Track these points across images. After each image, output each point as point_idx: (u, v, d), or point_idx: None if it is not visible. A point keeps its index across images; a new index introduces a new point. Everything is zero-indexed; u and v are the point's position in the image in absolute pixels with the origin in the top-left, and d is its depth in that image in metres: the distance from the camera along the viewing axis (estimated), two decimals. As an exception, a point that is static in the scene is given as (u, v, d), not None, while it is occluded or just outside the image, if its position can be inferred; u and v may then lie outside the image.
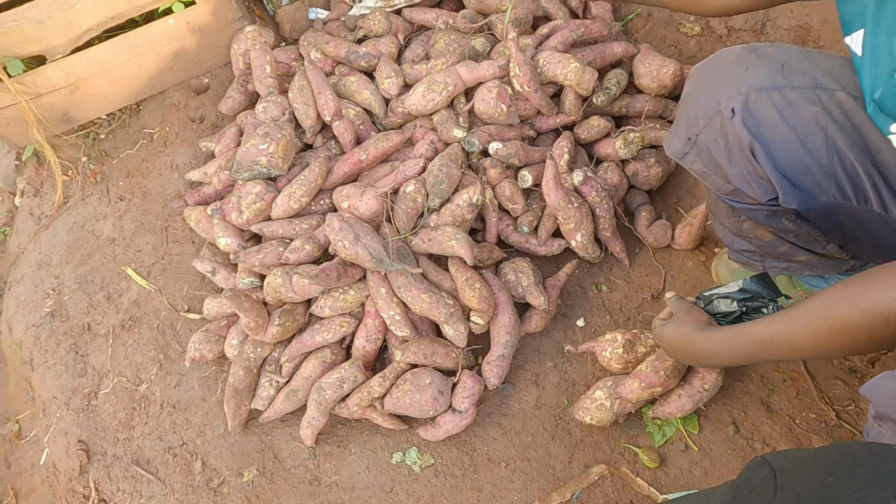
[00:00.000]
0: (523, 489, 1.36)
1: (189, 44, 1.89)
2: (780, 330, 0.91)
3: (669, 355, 1.18)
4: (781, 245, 1.18)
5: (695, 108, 1.08)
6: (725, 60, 1.05)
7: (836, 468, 0.56)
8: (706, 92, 1.05)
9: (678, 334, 1.11)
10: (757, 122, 0.98)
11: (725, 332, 1.02)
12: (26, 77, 1.74)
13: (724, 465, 1.34)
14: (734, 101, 1.00)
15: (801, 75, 0.99)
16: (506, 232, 1.60)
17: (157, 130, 1.95)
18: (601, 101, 1.63)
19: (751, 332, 0.96)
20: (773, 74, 0.99)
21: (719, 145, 1.05)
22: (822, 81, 0.98)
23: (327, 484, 1.40)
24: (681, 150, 1.13)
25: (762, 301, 1.18)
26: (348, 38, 1.87)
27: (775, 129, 0.98)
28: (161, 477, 1.46)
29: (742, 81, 1.00)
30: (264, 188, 1.53)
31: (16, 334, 1.73)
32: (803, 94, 0.97)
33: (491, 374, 1.42)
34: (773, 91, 0.98)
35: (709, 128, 1.05)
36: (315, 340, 1.45)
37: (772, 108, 0.98)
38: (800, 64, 1.00)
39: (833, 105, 0.97)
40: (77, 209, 1.87)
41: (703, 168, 1.12)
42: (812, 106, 0.97)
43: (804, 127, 0.97)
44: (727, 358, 1.01)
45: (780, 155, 0.98)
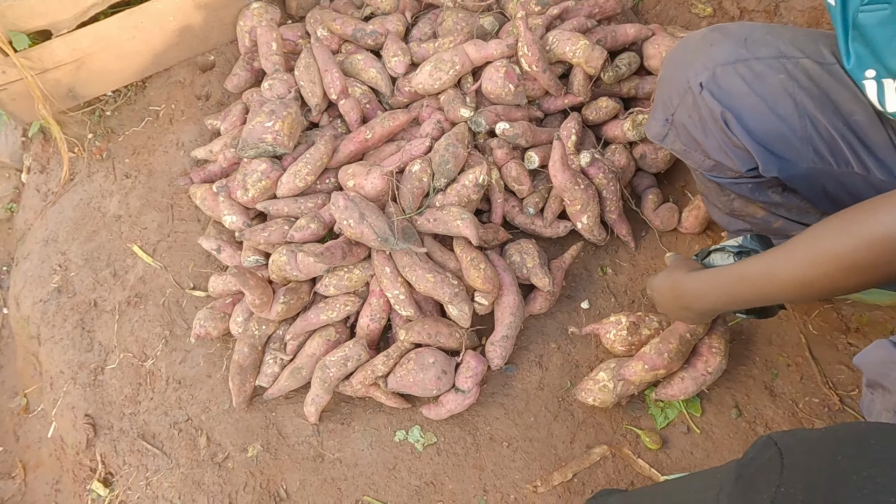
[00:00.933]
0: (525, 468, 1.36)
1: (195, 20, 1.87)
2: (764, 264, 0.90)
3: (659, 305, 1.17)
4: (775, 220, 1.19)
5: (668, 89, 1.10)
6: (692, 41, 1.08)
7: (844, 448, 0.55)
8: (676, 72, 1.08)
9: (668, 280, 1.12)
10: (726, 93, 1.00)
11: (711, 271, 1.02)
12: (32, 52, 1.73)
13: (726, 447, 1.34)
14: (701, 75, 1.02)
15: (764, 47, 1.01)
16: (511, 213, 1.59)
17: (162, 108, 1.94)
18: (609, 78, 1.61)
19: (736, 269, 0.96)
20: (736, 48, 1.01)
21: (694, 121, 1.07)
22: (785, 51, 1.00)
23: (330, 460, 1.42)
24: (660, 132, 1.16)
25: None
26: (355, 16, 1.85)
27: (745, 100, 1.00)
28: (166, 451, 1.47)
29: (707, 57, 1.02)
30: (270, 166, 1.52)
31: (23, 309, 1.75)
32: (768, 65, 0.99)
33: (494, 354, 1.42)
34: (739, 63, 1.00)
35: (682, 105, 1.08)
36: (319, 319, 1.45)
37: (739, 80, 1.00)
38: (762, 37, 1.02)
39: (799, 72, 0.99)
40: (83, 186, 1.87)
41: (682, 147, 1.14)
42: (778, 74, 0.99)
43: (773, 95, 0.99)
44: (712, 298, 1.01)
45: (753, 124, 1.00)
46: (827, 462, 0.55)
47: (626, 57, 1.65)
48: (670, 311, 1.15)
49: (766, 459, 0.61)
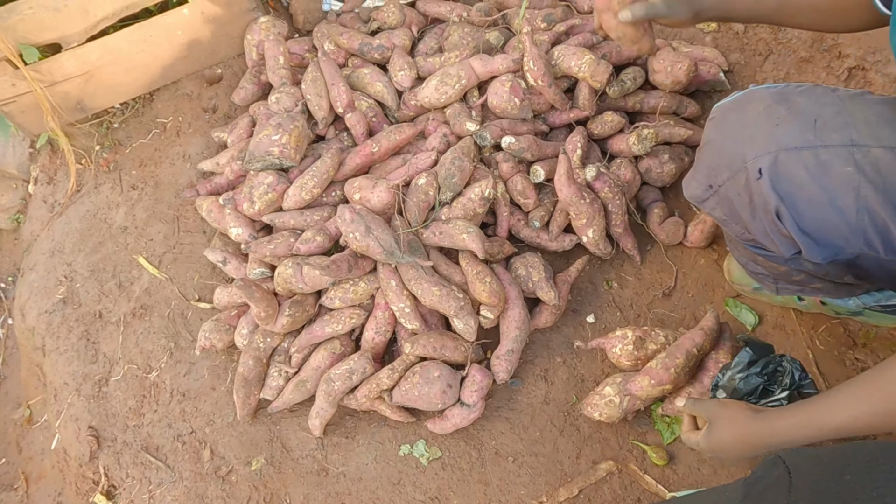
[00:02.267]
0: (530, 484, 1.35)
1: (203, 34, 1.89)
2: (861, 415, 0.86)
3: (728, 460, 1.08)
4: (797, 275, 1.16)
5: (718, 159, 1.03)
6: (753, 109, 1.00)
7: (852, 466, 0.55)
8: (731, 144, 1.00)
9: (734, 437, 1.03)
10: (785, 182, 0.94)
11: (791, 420, 0.95)
12: (42, 65, 1.74)
13: (734, 463, 1.33)
14: (762, 160, 0.94)
15: (835, 132, 0.93)
16: (517, 226, 1.59)
17: (170, 120, 1.96)
18: (614, 92, 1.62)
19: (825, 421, 0.90)
20: (804, 132, 0.93)
21: (743, 200, 1.01)
22: (857, 139, 0.92)
23: (335, 475, 1.41)
24: (701, 196, 1.10)
25: (775, 362, 1.21)
26: (362, 30, 1.86)
27: (804, 191, 0.93)
28: (170, 464, 1.47)
29: (771, 139, 0.95)
30: (276, 179, 1.53)
31: (28, 320, 1.75)
32: (836, 154, 0.92)
33: (500, 368, 1.41)
34: (805, 150, 0.93)
35: (733, 181, 1.01)
36: (325, 331, 1.45)
37: (802, 169, 0.93)
38: (833, 119, 0.94)
39: (867, 163, 0.91)
40: (90, 197, 1.88)
41: (723, 216, 1.09)
42: (845, 166, 0.91)
43: (835, 187, 0.92)
44: (800, 444, 0.95)
45: (807, 215, 0.94)
46: (836, 481, 0.55)
47: (632, 72, 1.65)
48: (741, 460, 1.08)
49: (774, 478, 0.60)
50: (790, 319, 1.48)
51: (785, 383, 1.19)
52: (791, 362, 1.21)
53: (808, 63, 1.69)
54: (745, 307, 1.51)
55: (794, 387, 1.19)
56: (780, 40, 1.76)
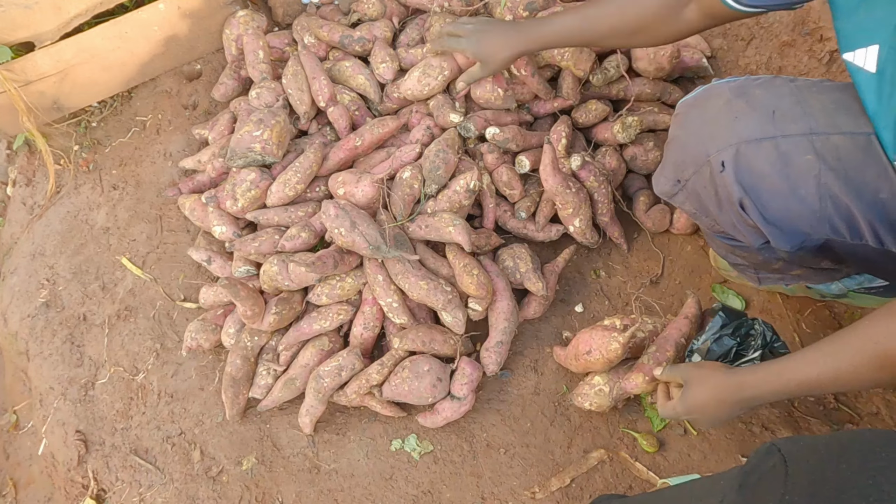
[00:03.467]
0: (522, 475, 1.36)
1: (180, 29, 1.86)
2: (826, 370, 0.89)
3: (705, 420, 1.09)
4: (775, 263, 1.18)
5: (683, 154, 1.05)
6: (713, 105, 1.01)
7: (848, 455, 0.55)
8: (694, 139, 1.02)
9: (708, 393, 1.05)
10: (747, 174, 0.96)
11: (761, 374, 0.98)
12: (15, 64, 1.71)
13: (723, 449, 1.34)
14: (724, 153, 0.97)
15: (793, 122, 0.95)
16: (503, 218, 1.59)
17: (149, 118, 1.92)
18: (598, 80, 1.61)
19: (793, 374, 0.93)
20: (763, 124, 0.95)
21: (709, 194, 1.03)
22: (815, 127, 0.94)
23: (326, 471, 1.40)
24: (670, 191, 1.13)
25: (747, 325, 1.24)
26: (342, 23, 1.84)
27: (766, 181, 0.95)
28: (160, 466, 1.45)
29: (732, 133, 0.96)
30: (259, 175, 1.51)
31: (11, 325, 1.72)
32: (796, 143, 0.94)
33: (489, 360, 1.41)
34: (765, 141, 0.95)
35: (698, 176, 1.03)
36: (312, 328, 1.44)
37: (763, 160, 0.95)
38: (791, 109, 0.96)
39: (827, 150, 0.93)
40: (70, 198, 1.85)
41: (692, 210, 1.12)
42: (805, 155, 0.93)
43: (796, 176, 0.94)
44: (769, 399, 0.99)
45: (771, 205, 0.96)
46: (832, 470, 0.54)
47: (615, 59, 1.64)
48: (719, 421, 1.08)
49: (770, 467, 0.60)
50: (776, 304, 1.49)
51: (757, 344, 1.22)
52: (762, 324, 1.24)
53: (791, 47, 1.69)
54: (732, 293, 1.52)
55: (765, 347, 1.21)
56: (762, 25, 1.76)
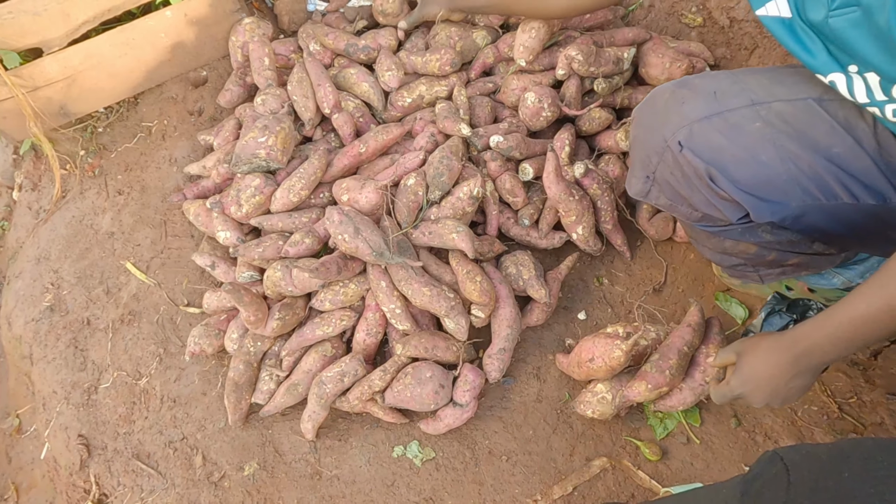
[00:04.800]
0: (525, 482, 1.35)
1: (187, 36, 1.87)
2: (875, 301, 0.86)
3: (762, 392, 1.02)
4: (769, 254, 1.19)
5: (644, 149, 1.11)
6: (660, 99, 1.08)
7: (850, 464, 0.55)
8: (650, 132, 1.08)
9: (762, 357, 1.02)
10: (706, 149, 1.01)
11: (812, 323, 0.95)
12: (23, 70, 1.72)
13: (726, 458, 1.34)
14: (679, 134, 1.02)
15: (734, 97, 1.01)
16: (506, 225, 1.59)
17: (155, 124, 1.94)
18: (602, 89, 1.61)
19: (844, 312, 0.90)
20: (708, 103, 1.02)
21: (677, 177, 1.07)
22: (755, 98, 1.01)
23: (328, 478, 1.40)
24: (643, 189, 1.16)
25: (804, 304, 1.23)
26: (347, 31, 1.85)
27: (726, 153, 1.00)
28: (162, 471, 1.45)
29: (681, 115, 1.03)
30: (263, 181, 1.51)
31: (15, 329, 1.73)
32: (742, 114, 1.00)
33: (492, 367, 1.41)
34: (714, 117, 1.01)
35: (662, 164, 1.08)
36: (315, 334, 1.44)
37: (716, 134, 1.00)
38: (730, 87, 1.03)
39: (773, 116, 0.99)
40: (75, 203, 1.86)
41: (668, 201, 1.14)
42: (754, 122, 0.99)
43: (753, 143, 0.99)
44: (827, 349, 0.94)
45: (739, 175, 1.00)
46: (834, 478, 0.54)
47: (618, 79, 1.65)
48: (777, 392, 1.02)
49: (772, 475, 0.60)
50: (780, 312, 1.49)
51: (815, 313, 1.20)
52: (821, 304, 1.24)
53: (794, 57, 1.70)
54: (735, 301, 1.52)
55: None
56: (765, 34, 1.76)
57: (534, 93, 1.56)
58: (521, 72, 1.66)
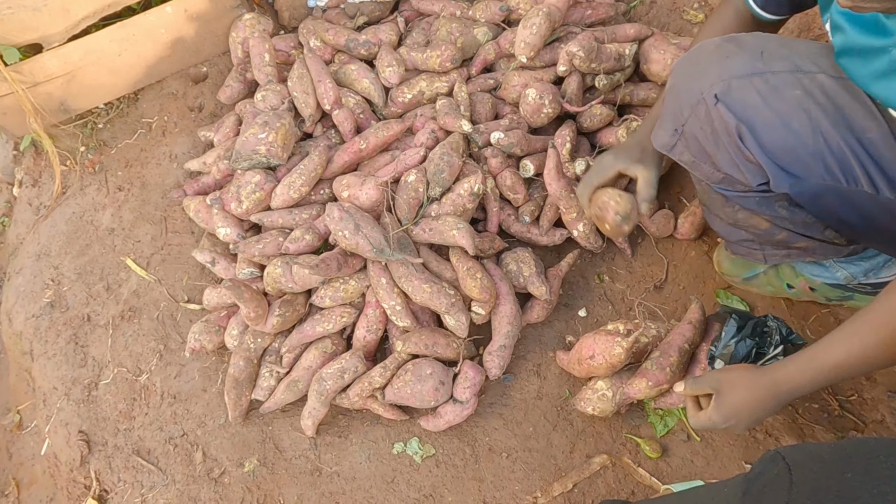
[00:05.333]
0: (525, 479, 1.35)
1: (187, 32, 1.87)
2: (854, 349, 0.93)
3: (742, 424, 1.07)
4: (779, 232, 1.18)
5: (678, 100, 1.09)
6: (705, 51, 1.07)
7: (853, 464, 0.54)
8: (688, 82, 1.07)
9: (743, 396, 1.05)
10: (741, 106, 1.00)
11: (794, 366, 1.01)
12: (23, 66, 1.72)
13: (727, 455, 1.33)
14: (716, 87, 1.01)
15: (780, 60, 1.00)
16: (507, 222, 1.59)
17: (155, 120, 1.93)
18: (603, 86, 1.61)
19: (824, 359, 0.97)
20: (753, 61, 1.00)
21: (706, 132, 1.06)
22: (801, 65, 0.99)
23: (328, 474, 1.40)
24: (669, 142, 1.14)
25: (760, 323, 1.26)
26: (348, 26, 1.85)
27: (759, 113, 0.99)
28: (162, 467, 1.46)
29: (723, 69, 1.02)
30: (264, 178, 1.51)
31: (16, 325, 1.73)
32: (784, 79, 0.99)
33: (492, 364, 1.41)
34: (755, 76, 0.99)
35: (694, 117, 1.06)
36: (315, 331, 1.44)
37: (754, 93, 0.99)
38: (778, 49, 1.02)
39: (814, 87, 0.98)
40: (76, 199, 1.86)
41: (691, 158, 1.13)
42: (794, 90, 0.98)
43: (788, 110, 0.98)
44: (807, 389, 1.01)
45: (767, 138, 0.99)
46: (836, 479, 0.54)
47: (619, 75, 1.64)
48: (758, 422, 1.08)
49: (774, 475, 0.60)
50: (781, 310, 1.49)
51: (776, 340, 1.24)
52: (775, 320, 1.25)
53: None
54: (736, 298, 1.51)
55: (784, 342, 1.23)
56: (767, 30, 1.76)
57: (535, 89, 1.55)
58: (523, 68, 1.66)
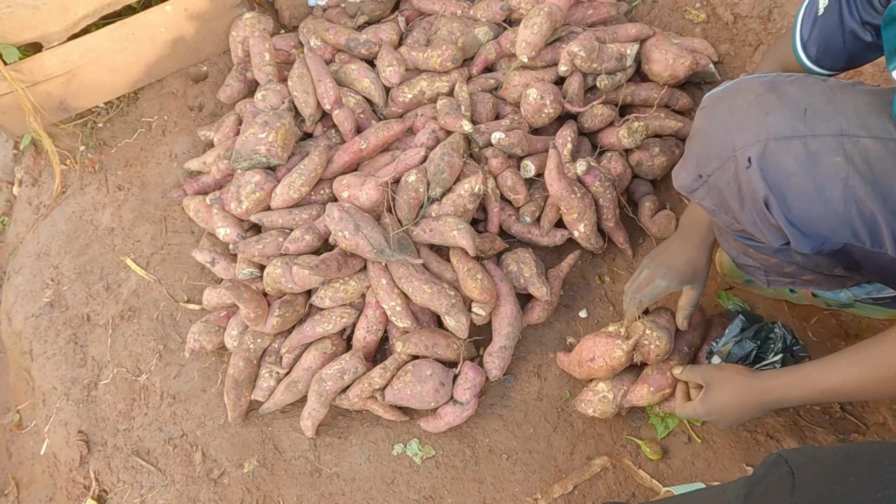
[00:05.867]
0: (525, 481, 1.35)
1: (187, 31, 1.86)
2: (851, 379, 0.93)
3: (724, 421, 1.11)
4: (787, 267, 1.15)
5: (707, 147, 1.02)
6: (743, 98, 0.99)
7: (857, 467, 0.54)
8: (721, 132, 1.00)
9: (731, 396, 1.06)
10: (774, 172, 0.93)
11: (786, 379, 1.01)
12: (22, 64, 1.71)
13: (727, 457, 1.33)
14: (752, 149, 0.94)
15: (825, 121, 0.92)
16: (508, 222, 1.58)
17: (155, 119, 1.93)
18: (605, 86, 1.60)
19: (818, 381, 0.97)
20: (794, 121, 0.93)
21: (732, 190, 1.00)
22: (846, 128, 0.91)
23: (328, 475, 1.40)
24: (690, 186, 1.08)
25: (767, 328, 1.25)
26: (348, 26, 1.84)
27: (792, 181, 0.92)
28: (161, 468, 1.45)
29: (761, 128, 0.94)
30: (263, 178, 1.51)
31: (15, 324, 1.73)
32: (826, 144, 0.91)
33: (492, 365, 1.41)
34: (794, 140, 0.92)
35: (722, 171, 1.00)
36: (315, 331, 1.44)
37: (791, 159, 0.92)
38: (823, 108, 0.93)
39: (856, 153, 0.91)
40: (75, 199, 1.85)
41: (712, 206, 1.08)
42: (834, 156, 0.91)
43: (823, 178, 0.91)
44: (793, 404, 1.02)
45: (795, 206, 0.94)
46: (839, 482, 0.54)
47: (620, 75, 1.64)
48: (740, 422, 1.11)
49: (777, 478, 0.60)
50: (783, 311, 1.48)
51: (777, 347, 1.24)
52: (782, 328, 1.25)
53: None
54: (737, 299, 1.51)
55: (786, 350, 1.23)
56: (769, 31, 1.75)
57: (536, 89, 1.55)
58: (524, 68, 1.65)
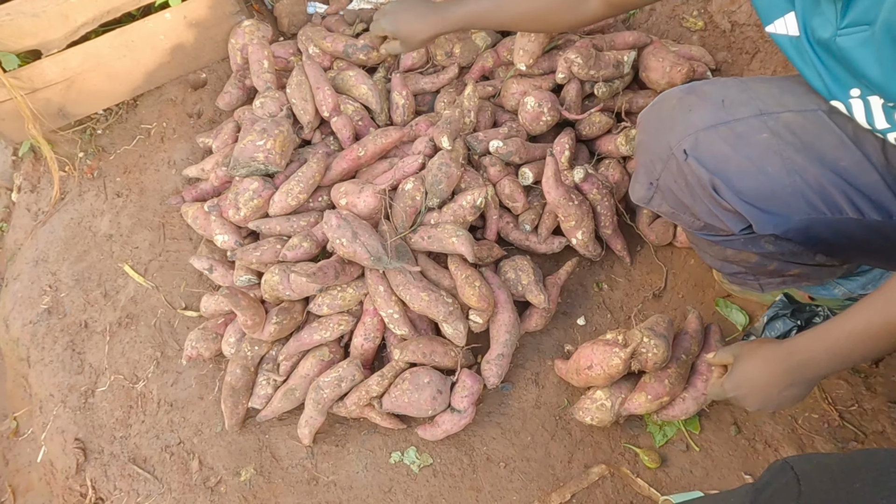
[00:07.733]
0: (522, 489, 1.35)
1: (186, 38, 1.87)
2: (875, 317, 0.87)
3: (755, 397, 1.03)
4: (770, 264, 1.17)
5: (649, 154, 1.09)
6: (667, 105, 1.07)
7: (862, 475, 0.54)
8: (656, 138, 1.07)
9: (757, 364, 1.02)
10: (711, 158, 0.99)
11: (810, 334, 0.95)
12: (22, 72, 1.72)
13: (726, 465, 1.33)
14: (684, 142, 1.01)
15: (743, 106, 1.00)
16: (506, 230, 1.58)
17: (154, 126, 1.93)
18: (602, 94, 1.61)
19: (842, 326, 0.90)
20: (715, 111, 1.00)
21: (680, 186, 1.06)
22: (764, 108, 0.99)
23: (325, 483, 1.39)
24: (646, 196, 1.15)
25: (810, 310, 1.23)
26: (346, 33, 1.84)
27: (731, 163, 0.99)
28: (158, 476, 1.45)
29: (687, 123, 1.02)
30: (262, 185, 1.51)
31: (12, 331, 1.72)
32: (749, 125, 0.98)
33: (490, 373, 1.40)
34: (720, 126, 0.99)
35: (666, 171, 1.07)
36: (313, 339, 1.44)
37: (722, 143, 0.99)
38: (739, 96, 1.01)
39: (781, 127, 0.97)
40: (74, 205, 1.85)
41: (670, 209, 1.13)
42: (761, 133, 0.98)
43: (758, 154, 0.98)
44: (823, 362, 0.93)
45: (743, 186, 0.99)
46: (845, 489, 0.54)
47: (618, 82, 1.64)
48: (770, 399, 1.02)
49: (782, 485, 0.60)
50: (780, 319, 1.48)
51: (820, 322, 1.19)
52: (828, 310, 1.24)
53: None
54: (735, 307, 1.51)
55: None
56: (766, 38, 1.75)
57: (533, 97, 1.55)
58: (521, 76, 1.66)
